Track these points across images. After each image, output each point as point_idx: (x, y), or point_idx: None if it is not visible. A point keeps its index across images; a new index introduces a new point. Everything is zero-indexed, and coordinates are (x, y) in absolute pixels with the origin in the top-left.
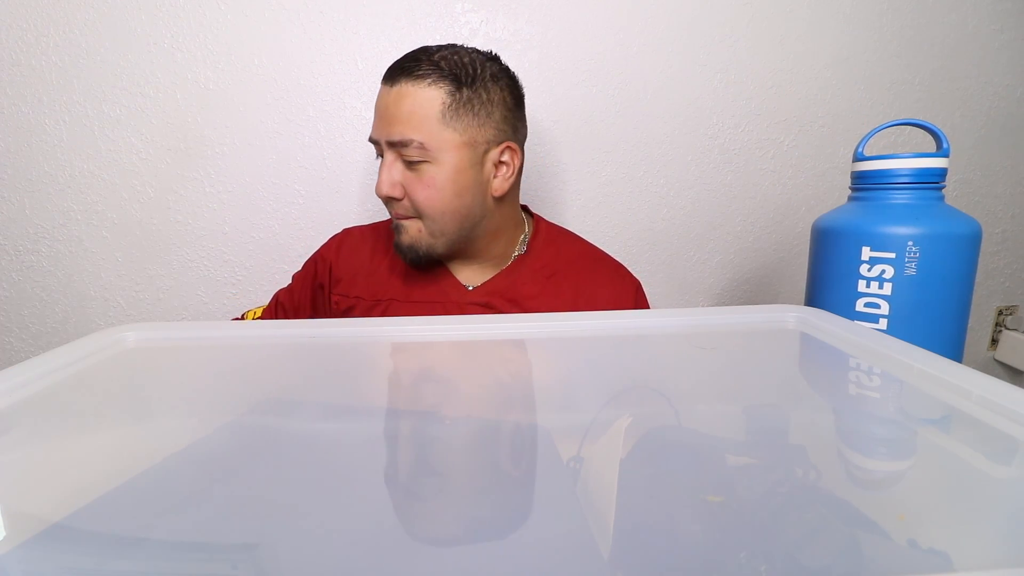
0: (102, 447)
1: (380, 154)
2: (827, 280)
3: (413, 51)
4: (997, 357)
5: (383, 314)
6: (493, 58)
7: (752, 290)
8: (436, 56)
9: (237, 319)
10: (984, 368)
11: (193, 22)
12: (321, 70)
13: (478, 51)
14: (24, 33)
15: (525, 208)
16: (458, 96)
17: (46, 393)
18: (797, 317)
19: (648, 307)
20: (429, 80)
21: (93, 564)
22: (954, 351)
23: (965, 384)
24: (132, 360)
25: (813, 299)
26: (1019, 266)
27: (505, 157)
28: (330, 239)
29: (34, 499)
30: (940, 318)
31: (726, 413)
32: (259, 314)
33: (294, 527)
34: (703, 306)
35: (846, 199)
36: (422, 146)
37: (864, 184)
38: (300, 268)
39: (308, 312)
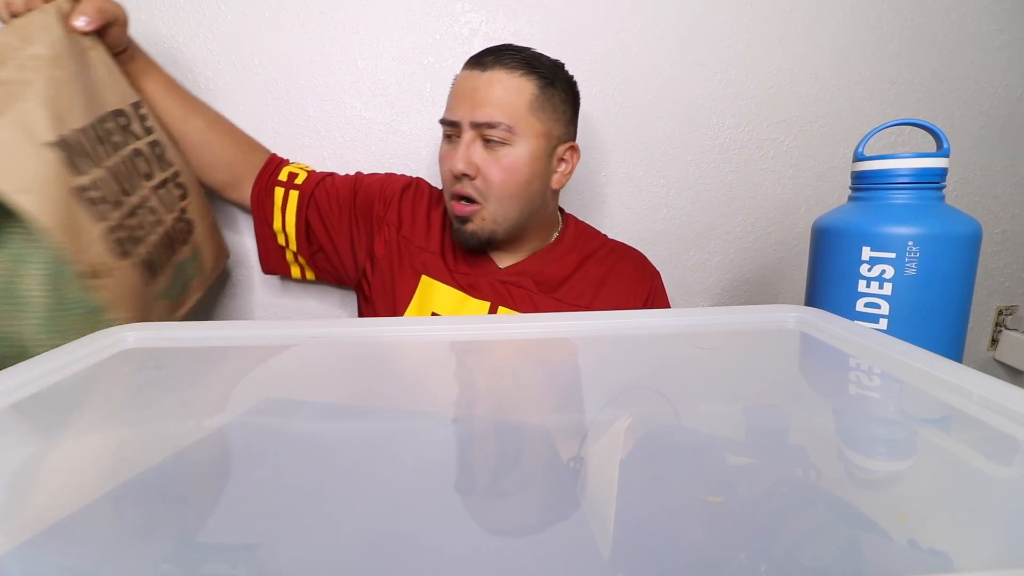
0: (102, 447)
1: (452, 135)
2: (827, 280)
3: (499, 45)
4: (997, 357)
5: (423, 264)
6: (562, 65)
7: (752, 290)
8: (526, 53)
9: (280, 162)
10: (984, 368)
11: (193, 22)
12: (321, 70)
13: (543, 53)
14: None
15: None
16: (544, 91)
17: (46, 393)
18: (797, 317)
19: (666, 298)
20: (522, 71)
21: (93, 564)
22: (954, 351)
23: (965, 384)
24: (132, 360)
25: (813, 299)
26: (1019, 266)
27: (567, 155)
28: (396, 177)
29: (34, 499)
30: (940, 318)
31: (726, 413)
32: (301, 176)
33: (294, 527)
34: (703, 306)
35: (846, 199)
36: (509, 129)
37: (864, 184)
38: (356, 175)
39: (344, 204)
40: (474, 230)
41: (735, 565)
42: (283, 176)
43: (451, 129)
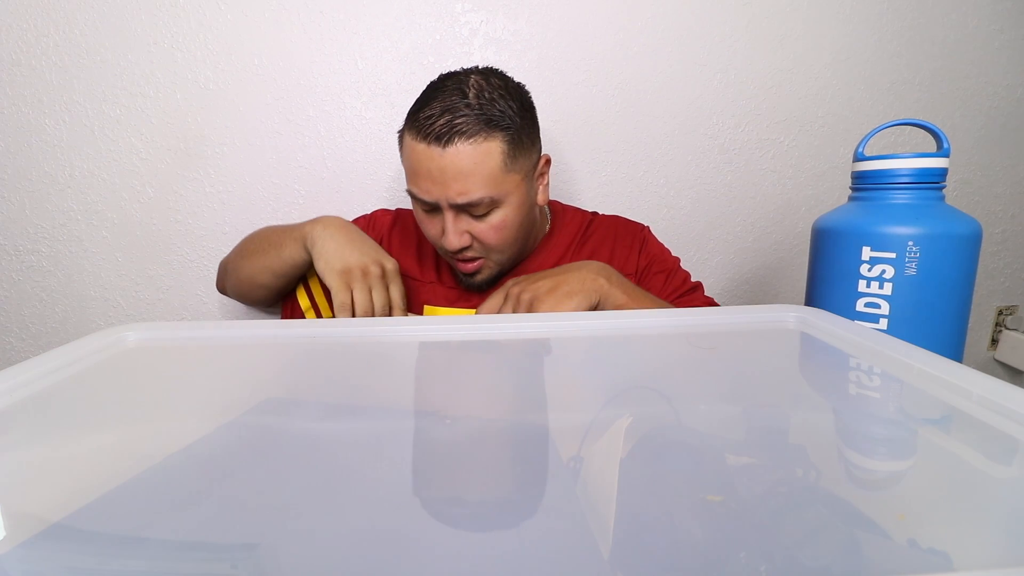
0: (102, 447)
1: (430, 209)
2: (827, 280)
3: (442, 106)
4: (997, 357)
5: (425, 297)
6: (498, 74)
7: (752, 290)
8: (476, 107)
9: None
10: (984, 368)
11: (193, 22)
12: (321, 70)
13: (486, 77)
14: (24, 33)
15: None
16: (511, 140)
17: (46, 393)
18: (797, 317)
19: (658, 243)
20: (483, 135)
21: (93, 564)
22: (954, 351)
23: (965, 384)
24: (132, 360)
25: (813, 299)
26: (1019, 266)
27: (543, 170)
28: (381, 213)
29: (34, 499)
30: (940, 318)
31: (726, 413)
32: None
33: (294, 527)
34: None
35: (846, 199)
36: (492, 200)
37: (864, 184)
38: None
39: None
40: (482, 280)
41: (735, 565)
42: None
43: (427, 206)
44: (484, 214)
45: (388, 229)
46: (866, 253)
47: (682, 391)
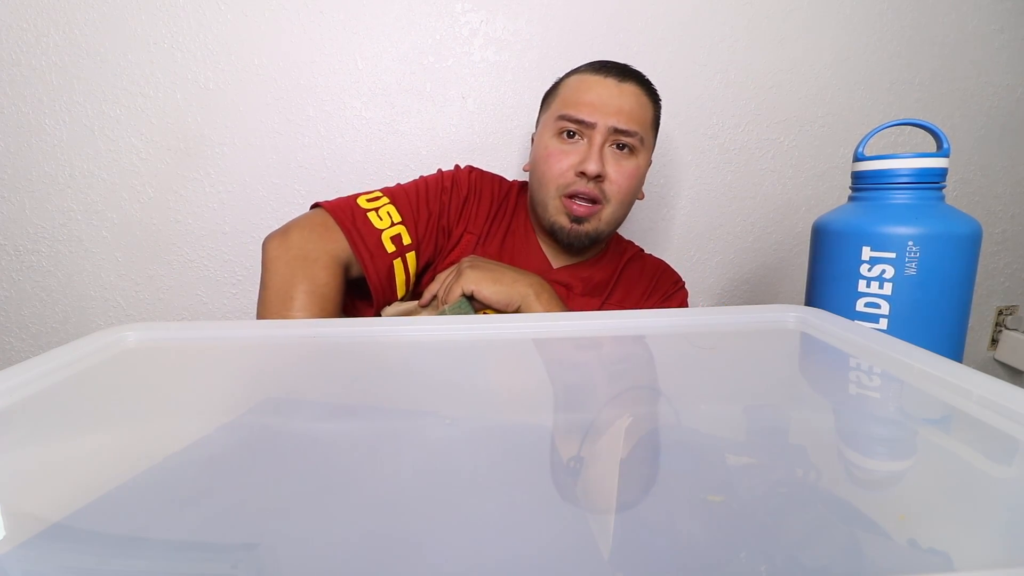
0: (102, 447)
1: (576, 132)
2: (827, 280)
3: (615, 61)
4: (997, 357)
5: (483, 252)
6: None
7: (752, 290)
8: (642, 75)
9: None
10: (984, 368)
11: (193, 22)
12: (321, 70)
13: None
14: (24, 33)
15: None
16: (657, 112)
17: (46, 393)
18: (797, 317)
19: (685, 301)
20: (646, 91)
21: (93, 564)
22: (954, 351)
23: (965, 384)
24: (132, 360)
25: (813, 299)
26: (1019, 266)
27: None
28: (459, 171)
29: (34, 499)
30: (940, 318)
31: (726, 413)
32: (402, 233)
33: (294, 527)
34: (703, 306)
35: (846, 199)
36: (641, 140)
37: (864, 184)
38: (407, 185)
39: (431, 222)
40: (589, 230)
41: (735, 565)
42: (388, 246)
43: (577, 127)
44: (625, 153)
45: (478, 184)
46: (866, 253)
47: (682, 391)
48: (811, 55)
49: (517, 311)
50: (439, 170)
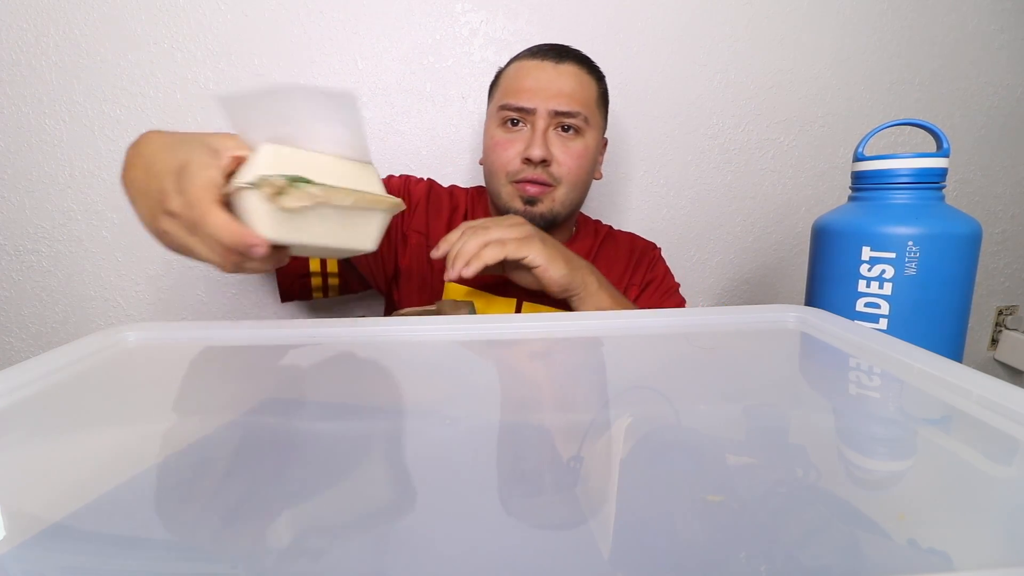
0: (102, 447)
1: (518, 120)
2: (827, 280)
3: (555, 44)
4: (997, 357)
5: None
6: None
7: (752, 290)
8: (582, 53)
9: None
10: (984, 368)
11: (193, 22)
12: (321, 70)
13: None
14: (24, 33)
15: None
16: (603, 89)
17: (46, 393)
18: (797, 317)
19: (666, 266)
20: (587, 68)
21: (93, 564)
22: (954, 351)
23: (965, 384)
24: (132, 360)
25: (813, 299)
26: (1019, 266)
27: (603, 148)
28: (415, 179)
29: (34, 499)
30: (940, 318)
31: (726, 413)
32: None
33: (294, 527)
34: (703, 306)
35: (846, 199)
36: (585, 120)
37: (864, 184)
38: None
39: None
40: (543, 212)
41: (735, 565)
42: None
43: (519, 115)
44: (570, 135)
45: (424, 197)
46: (866, 253)
47: (682, 391)
48: (811, 55)
49: (567, 299)
50: (404, 175)
